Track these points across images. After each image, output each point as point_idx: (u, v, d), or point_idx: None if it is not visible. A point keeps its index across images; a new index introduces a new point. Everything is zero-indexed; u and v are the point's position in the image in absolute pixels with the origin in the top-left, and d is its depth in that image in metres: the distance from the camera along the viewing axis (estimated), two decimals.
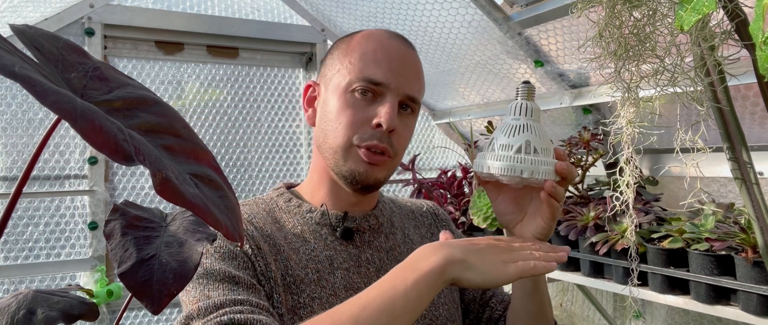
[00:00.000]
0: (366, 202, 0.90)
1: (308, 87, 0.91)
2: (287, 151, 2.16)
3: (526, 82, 0.77)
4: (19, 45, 1.32)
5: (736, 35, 0.64)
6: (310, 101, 0.90)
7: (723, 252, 1.16)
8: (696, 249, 1.20)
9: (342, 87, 0.82)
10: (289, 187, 0.94)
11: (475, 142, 2.07)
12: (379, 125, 0.80)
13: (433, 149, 2.42)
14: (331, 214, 0.85)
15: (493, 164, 0.73)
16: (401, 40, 0.87)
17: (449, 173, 1.96)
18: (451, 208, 1.83)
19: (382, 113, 0.80)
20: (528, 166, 0.72)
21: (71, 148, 1.76)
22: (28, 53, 0.42)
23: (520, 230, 0.80)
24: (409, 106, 0.84)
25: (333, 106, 0.83)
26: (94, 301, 0.74)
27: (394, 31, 0.89)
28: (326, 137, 0.83)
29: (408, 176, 2.01)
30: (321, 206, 0.86)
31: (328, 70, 0.87)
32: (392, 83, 0.81)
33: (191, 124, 1.71)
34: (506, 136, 0.74)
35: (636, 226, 1.33)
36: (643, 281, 1.32)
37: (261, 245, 0.79)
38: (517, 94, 0.77)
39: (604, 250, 1.36)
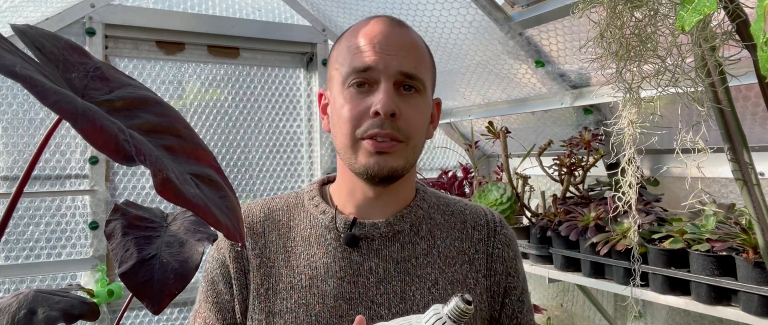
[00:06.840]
0: (391, 199, 0.86)
1: (320, 96, 0.90)
2: (287, 151, 2.16)
3: (468, 302, 0.56)
4: (21, 45, 1.32)
5: (737, 36, 0.64)
6: (324, 109, 0.89)
7: (724, 253, 1.16)
8: (697, 250, 1.19)
9: (340, 85, 0.82)
10: (326, 182, 0.93)
11: (476, 142, 2.06)
12: (377, 113, 0.77)
13: (433, 149, 2.42)
14: (339, 219, 0.84)
15: None
16: (386, 20, 0.83)
17: (450, 173, 1.96)
18: None
19: (377, 100, 0.77)
20: None
21: (72, 148, 1.76)
22: (30, 53, 0.42)
23: None
24: (410, 85, 0.80)
25: (337, 106, 0.82)
26: (95, 301, 0.75)
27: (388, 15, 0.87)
28: (336, 138, 0.83)
29: None
30: (333, 210, 0.85)
31: (329, 73, 0.87)
32: (380, 65, 0.78)
33: (192, 125, 1.71)
34: None
35: (637, 226, 1.32)
36: (644, 281, 1.32)
37: (251, 259, 0.85)
38: (448, 316, 0.56)
39: (604, 250, 1.36)
